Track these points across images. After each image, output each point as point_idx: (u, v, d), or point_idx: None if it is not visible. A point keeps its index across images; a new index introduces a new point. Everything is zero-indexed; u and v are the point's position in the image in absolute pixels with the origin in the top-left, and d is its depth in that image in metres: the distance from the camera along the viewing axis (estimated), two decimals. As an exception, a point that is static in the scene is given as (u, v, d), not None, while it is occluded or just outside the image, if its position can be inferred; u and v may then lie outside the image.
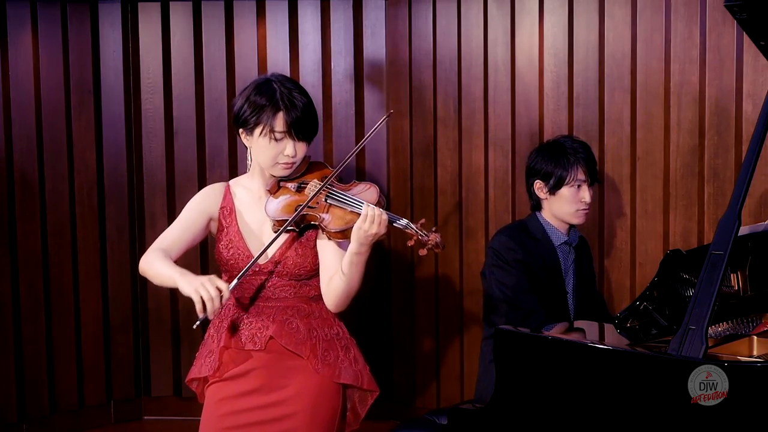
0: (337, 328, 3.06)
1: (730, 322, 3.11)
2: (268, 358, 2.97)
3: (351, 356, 3.04)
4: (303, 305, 3.01)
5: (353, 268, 2.89)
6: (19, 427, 4.73)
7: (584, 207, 3.65)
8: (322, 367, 2.97)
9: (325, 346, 3.00)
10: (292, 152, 2.97)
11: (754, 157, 2.71)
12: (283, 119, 2.94)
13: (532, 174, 3.71)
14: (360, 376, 3.03)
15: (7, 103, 4.62)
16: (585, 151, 3.69)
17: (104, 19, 4.83)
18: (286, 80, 3.01)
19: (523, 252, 3.60)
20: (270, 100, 2.95)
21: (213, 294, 2.76)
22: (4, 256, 4.65)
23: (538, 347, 2.87)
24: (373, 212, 2.83)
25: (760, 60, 3.97)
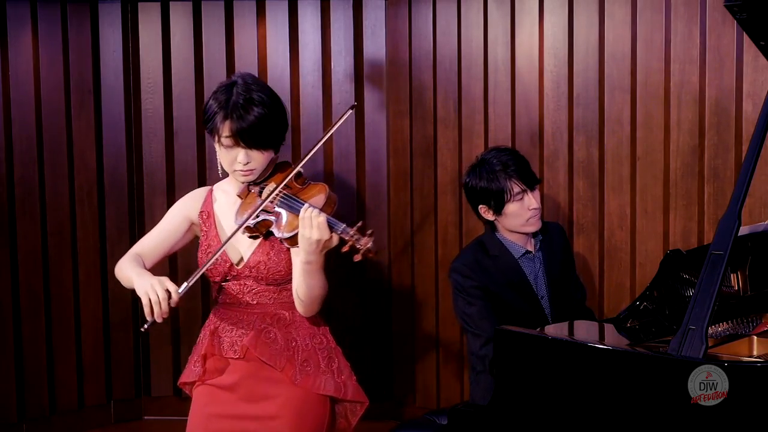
0: (321, 337, 3.01)
1: (730, 322, 3.11)
2: (248, 366, 2.94)
3: (334, 366, 2.99)
4: (284, 313, 2.97)
5: (308, 277, 2.82)
6: (19, 427, 4.73)
7: (534, 214, 3.58)
8: (301, 378, 2.92)
9: (304, 356, 2.95)
10: (244, 160, 2.89)
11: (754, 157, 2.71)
12: (228, 127, 2.87)
13: (472, 200, 3.65)
14: (343, 387, 2.98)
15: (7, 103, 4.62)
16: (514, 162, 3.59)
17: (104, 19, 4.84)
18: (250, 84, 2.92)
19: (480, 276, 3.55)
20: (221, 106, 2.89)
21: (161, 296, 2.72)
22: (4, 256, 4.65)
23: (538, 347, 2.87)
24: (309, 214, 2.74)
25: (760, 60, 3.97)
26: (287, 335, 2.95)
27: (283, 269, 2.93)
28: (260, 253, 2.94)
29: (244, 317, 2.97)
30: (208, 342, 2.99)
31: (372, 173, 4.87)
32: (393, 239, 4.87)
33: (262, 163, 2.94)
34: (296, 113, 4.86)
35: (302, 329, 2.98)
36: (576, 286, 3.80)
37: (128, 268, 2.90)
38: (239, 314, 2.98)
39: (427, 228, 4.77)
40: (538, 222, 3.63)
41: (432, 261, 4.77)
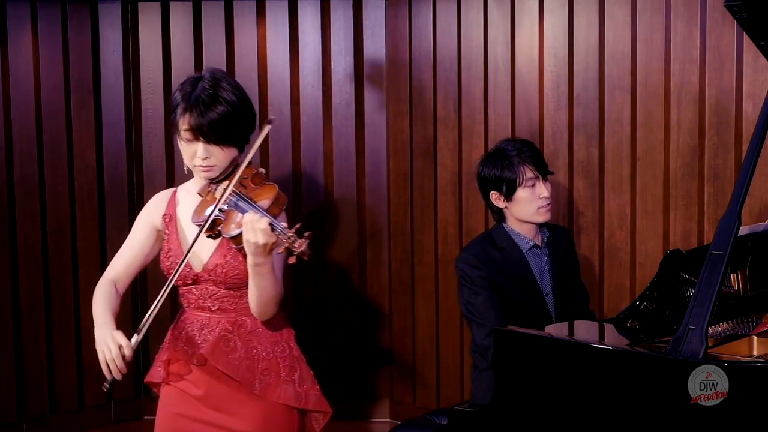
0: (283, 346, 2.95)
1: (730, 322, 3.11)
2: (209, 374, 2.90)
3: (295, 376, 2.92)
4: (246, 320, 2.92)
5: (258, 279, 2.75)
6: (19, 427, 4.74)
7: (545, 203, 3.60)
8: (261, 388, 2.87)
9: (265, 365, 2.89)
10: (202, 155, 2.83)
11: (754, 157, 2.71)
12: (188, 120, 2.81)
13: (484, 187, 3.66)
14: (304, 396, 2.92)
15: (7, 103, 4.62)
16: (528, 149, 3.64)
17: (104, 19, 4.84)
18: (217, 80, 2.86)
19: (487, 267, 3.56)
20: (184, 98, 2.84)
21: (114, 354, 2.73)
22: (4, 256, 4.65)
23: (538, 347, 2.87)
24: (250, 218, 2.66)
25: (760, 60, 3.97)
26: (248, 344, 2.90)
27: (241, 272, 2.86)
28: (218, 256, 2.88)
29: (207, 323, 2.92)
30: (170, 347, 2.95)
31: (372, 173, 4.87)
32: (393, 239, 4.87)
33: (223, 160, 2.86)
34: (296, 113, 4.86)
35: (264, 337, 2.92)
36: (580, 289, 3.81)
37: (96, 308, 2.93)
38: (202, 320, 2.93)
39: (427, 228, 4.77)
40: (548, 213, 3.63)
41: (432, 261, 4.77)
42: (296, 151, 4.88)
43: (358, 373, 4.97)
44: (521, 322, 3.47)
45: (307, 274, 4.91)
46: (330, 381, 4.97)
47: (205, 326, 2.93)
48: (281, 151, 4.87)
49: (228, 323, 2.91)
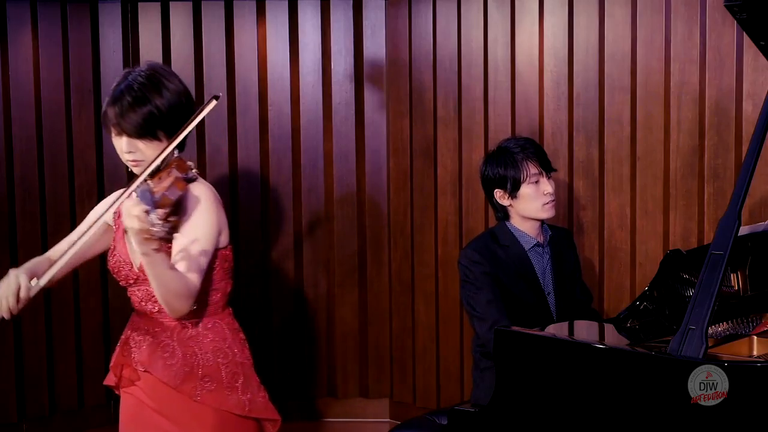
0: (226, 351, 2.85)
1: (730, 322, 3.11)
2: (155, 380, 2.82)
3: (238, 383, 2.83)
4: (187, 324, 2.82)
5: (149, 270, 2.61)
6: (19, 427, 4.73)
7: (549, 199, 3.60)
8: (202, 395, 2.79)
9: (206, 371, 2.80)
10: (125, 149, 2.75)
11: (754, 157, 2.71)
12: (110, 113, 2.74)
13: (488, 185, 3.66)
14: (248, 404, 2.83)
15: (7, 103, 4.62)
16: (531, 146, 3.65)
17: (104, 19, 4.83)
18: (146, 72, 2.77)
19: (490, 264, 3.56)
20: (111, 90, 2.77)
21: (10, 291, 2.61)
22: (4, 256, 4.65)
23: (538, 347, 2.87)
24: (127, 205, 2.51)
25: (760, 60, 3.97)
26: (188, 350, 2.81)
27: None
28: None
29: (150, 327, 2.85)
30: (119, 351, 2.90)
31: (372, 173, 4.87)
32: (393, 239, 4.87)
33: (150, 155, 2.75)
34: (296, 113, 4.86)
35: (205, 343, 2.82)
36: (582, 289, 3.81)
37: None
38: (146, 323, 2.87)
39: (427, 228, 4.77)
40: (553, 209, 3.63)
41: (432, 261, 4.77)
42: (296, 151, 4.88)
43: (358, 373, 4.97)
44: (522, 319, 3.48)
45: (307, 273, 4.91)
46: (330, 381, 4.97)
47: (149, 330, 2.85)
48: (281, 151, 4.87)
49: (168, 329, 2.82)
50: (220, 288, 2.88)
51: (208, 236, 2.75)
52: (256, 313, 4.87)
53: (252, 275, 4.88)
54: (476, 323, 3.58)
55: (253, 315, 4.84)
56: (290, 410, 4.96)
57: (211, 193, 2.82)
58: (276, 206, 4.89)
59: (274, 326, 4.92)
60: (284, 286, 4.91)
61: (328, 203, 4.90)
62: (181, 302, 2.67)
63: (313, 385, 4.96)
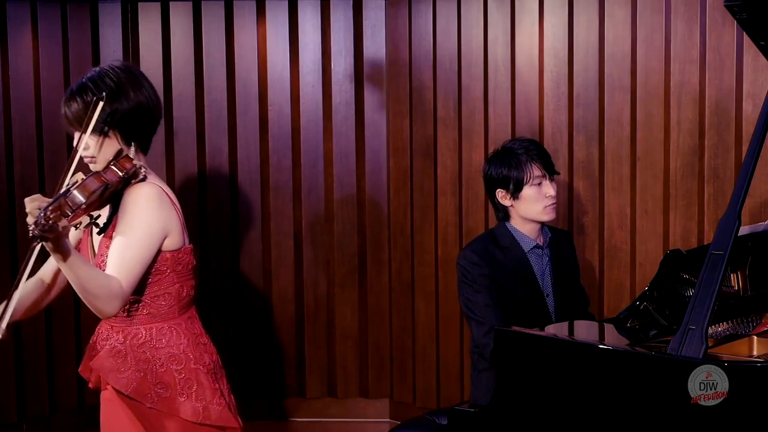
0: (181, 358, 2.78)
1: (730, 322, 3.11)
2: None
3: (193, 389, 2.77)
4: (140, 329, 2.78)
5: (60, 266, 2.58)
6: (19, 427, 4.73)
7: (551, 202, 3.59)
8: (156, 401, 2.74)
9: (158, 378, 2.75)
10: (75, 142, 2.72)
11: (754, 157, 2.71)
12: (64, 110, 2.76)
13: (491, 185, 3.65)
14: (202, 411, 2.77)
15: (7, 103, 4.62)
16: (536, 148, 3.65)
17: (104, 19, 4.83)
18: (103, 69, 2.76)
19: (489, 266, 3.56)
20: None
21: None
22: (4, 256, 4.65)
23: (537, 347, 2.87)
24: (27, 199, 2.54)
25: (760, 60, 3.97)
26: (141, 355, 2.76)
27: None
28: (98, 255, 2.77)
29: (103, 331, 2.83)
30: (86, 356, 2.87)
31: (372, 173, 4.87)
32: (393, 239, 4.87)
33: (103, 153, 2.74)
34: (296, 113, 4.86)
35: (158, 348, 2.77)
36: (580, 292, 3.81)
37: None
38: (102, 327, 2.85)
39: (427, 228, 4.77)
40: (554, 212, 3.62)
41: (432, 261, 4.77)
42: (296, 151, 4.88)
43: (359, 372, 4.97)
44: (521, 321, 3.47)
45: (307, 273, 4.91)
46: (330, 381, 4.97)
47: (101, 335, 2.83)
48: (281, 151, 4.87)
49: (122, 333, 2.78)
50: (173, 291, 2.81)
51: (143, 238, 2.69)
52: (256, 313, 4.87)
53: (252, 275, 4.88)
54: (474, 326, 3.58)
55: (253, 315, 4.84)
56: (290, 410, 4.96)
57: (155, 194, 2.74)
58: (276, 206, 4.89)
59: (275, 326, 4.91)
60: (284, 286, 4.91)
61: (328, 203, 4.90)
62: (103, 303, 2.61)
63: (314, 386, 4.96)
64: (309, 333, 4.93)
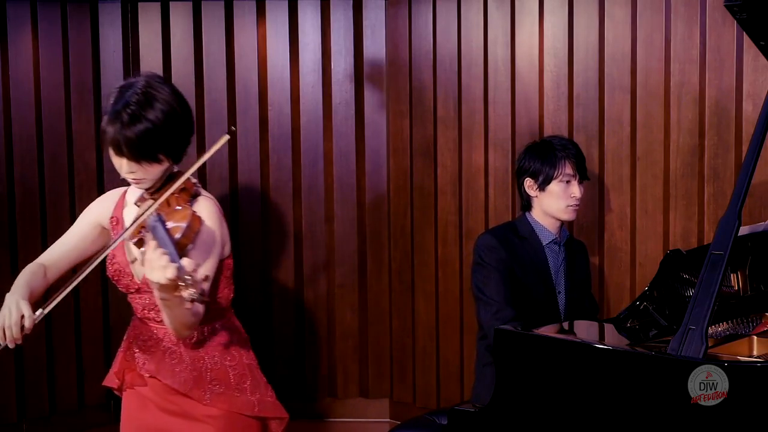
0: (233, 353, 2.86)
1: (730, 322, 3.11)
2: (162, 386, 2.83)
3: (246, 384, 2.85)
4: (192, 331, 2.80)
5: (165, 309, 2.55)
6: (19, 427, 4.73)
7: (574, 203, 3.67)
8: (211, 398, 2.80)
9: (213, 375, 2.82)
10: (127, 169, 2.68)
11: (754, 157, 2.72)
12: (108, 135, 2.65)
13: (521, 173, 3.74)
14: (257, 404, 2.85)
15: (7, 103, 4.62)
16: (573, 148, 3.73)
17: (104, 19, 4.83)
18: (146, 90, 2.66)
19: (507, 251, 3.61)
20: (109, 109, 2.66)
21: (13, 320, 2.62)
22: (4, 257, 4.65)
23: (538, 347, 2.87)
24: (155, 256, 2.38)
25: (760, 60, 3.97)
26: (195, 355, 2.82)
27: None
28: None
29: (153, 334, 2.85)
30: (122, 356, 2.90)
31: (372, 173, 4.87)
32: (393, 239, 4.87)
33: (152, 173, 2.71)
34: (296, 113, 4.86)
35: (211, 347, 2.84)
36: (591, 302, 3.87)
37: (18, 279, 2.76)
38: (148, 331, 2.87)
39: (427, 228, 4.77)
40: (574, 213, 3.71)
41: (432, 261, 4.77)
42: (296, 151, 4.88)
43: (358, 373, 4.97)
44: (531, 313, 3.51)
45: (307, 273, 4.91)
46: (330, 381, 4.97)
47: (151, 337, 2.85)
48: (281, 151, 4.87)
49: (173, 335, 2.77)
50: (224, 295, 2.89)
51: (215, 253, 2.73)
52: (256, 313, 4.87)
53: (252, 275, 4.88)
54: (481, 308, 3.60)
55: (253, 315, 4.84)
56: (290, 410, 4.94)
57: (217, 207, 2.81)
58: (276, 206, 4.89)
59: (275, 326, 4.91)
60: (284, 286, 4.91)
61: (328, 203, 4.90)
62: (190, 331, 2.69)
63: (314, 386, 4.96)
64: (309, 333, 4.93)
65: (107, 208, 2.93)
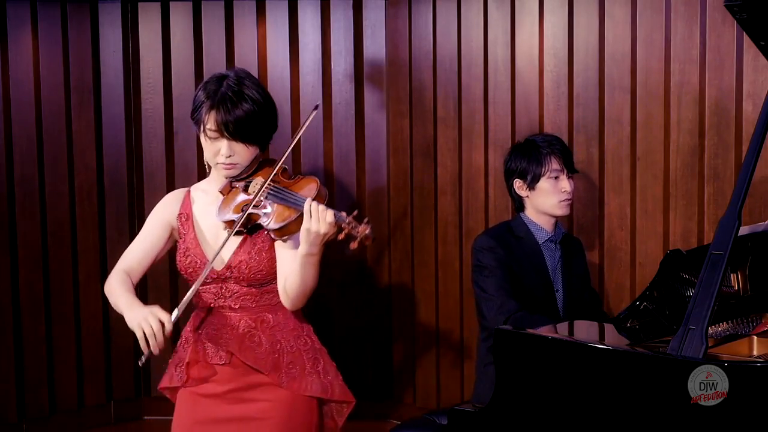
0: (305, 338, 2.97)
1: (730, 322, 3.11)
2: (234, 372, 2.90)
3: (320, 367, 2.95)
4: (267, 315, 2.92)
5: (306, 270, 2.78)
6: (19, 427, 4.74)
7: (566, 197, 3.67)
8: (287, 381, 2.88)
9: (290, 358, 2.90)
10: (226, 152, 2.86)
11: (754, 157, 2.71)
12: (214, 118, 2.83)
13: (510, 175, 3.74)
14: (329, 387, 2.95)
15: (7, 103, 4.62)
16: (558, 143, 3.73)
17: (104, 19, 4.84)
18: (242, 78, 2.88)
19: (505, 251, 3.62)
20: (209, 96, 2.85)
21: (155, 328, 2.72)
22: (4, 256, 4.65)
23: (537, 347, 2.87)
24: (316, 210, 2.70)
25: (760, 60, 3.97)
26: (272, 338, 2.90)
27: (265, 269, 2.88)
28: (242, 253, 2.87)
29: (227, 322, 2.91)
30: (192, 349, 2.94)
31: (372, 173, 4.87)
32: (393, 239, 4.87)
33: (246, 158, 2.89)
34: (296, 113, 4.86)
35: (286, 331, 2.93)
36: (591, 295, 3.86)
37: (118, 294, 2.86)
38: (222, 319, 2.91)
39: (427, 228, 4.77)
40: (568, 208, 3.71)
41: (432, 261, 4.77)
42: (296, 151, 4.88)
43: (359, 373, 4.97)
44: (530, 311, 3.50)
45: (307, 274, 4.91)
46: (330, 381, 4.97)
47: (226, 324, 2.91)
48: (281, 151, 4.86)
49: (250, 320, 2.90)
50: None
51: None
52: (256, 313, 4.87)
53: (252, 275, 4.88)
54: (484, 305, 3.61)
55: (253, 315, 4.84)
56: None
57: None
58: (276, 206, 4.89)
59: (274, 326, 4.91)
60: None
61: (328, 203, 4.88)
62: (309, 296, 2.88)
63: (313, 385, 4.96)
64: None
65: (174, 207, 3.01)
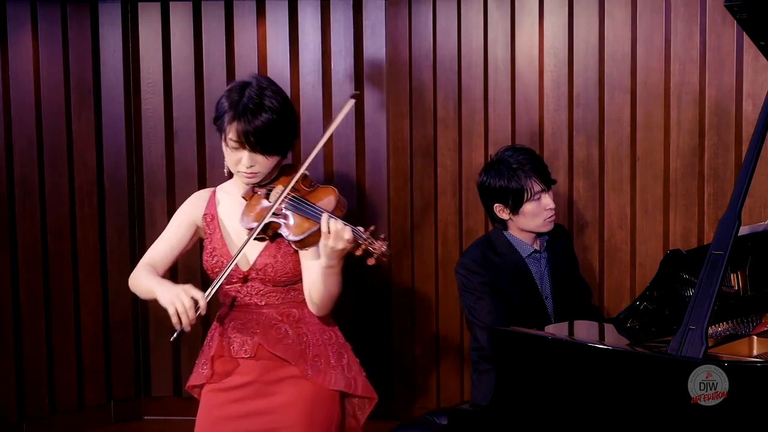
0: (330, 333, 3.02)
1: (730, 322, 3.11)
2: (259, 365, 2.93)
3: (344, 362, 2.99)
4: (293, 310, 2.97)
5: (329, 279, 2.86)
6: (19, 427, 4.73)
7: (550, 214, 3.57)
8: (313, 374, 2.92)
9: (315, 351, 2.95)
10: (248, 163, 2.90)
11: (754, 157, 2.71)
12: (235, 128, 2.86)
13: (488, 199, 3.62)
14: (353, 382, 2.98)
15: (7, 103, 4.62)
16: (531, 161, 3.58)
17: (104, 19, 4.84)
18: (264, 88, 2.90)
19: (488, 272, 3.54)
20: (231, 105, 2.87)
21: (187, 305, 2.74)
22: (4, 257, 4.65)
23: (537, 347, 2.87)
24: (334, 227, 2.77)
25: (760, 60, 3.97)
26: (298, 330, 2.95)
27: (290, 271, 2.94)
28: (267, 256, 2.93)
29: (253, 317, 2.96)
30: (217, 344, 2.97)
31: (372, 173, 4.87)
32: (393, 239, 4.87)
33: (267, 167, 2.93)
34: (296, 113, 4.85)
35: (312, 325, 2.98)
36: (581, 286, 3.80)
37: (147, 279, 2.91)
38: (248, 315, 2.97)
39: (427, 228, 4.77)
40: (552, 223, 3.62)
41: (432, 261, 4.77)
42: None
43: (358, 373, 4.96)
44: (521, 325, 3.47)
45: (307, 274, 4.91)
46: (330, 381, 4.97)
47: (252, 320, 2.96)
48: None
49: (276, 314, 2.96)
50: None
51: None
52: (256, 313, 4.87)
53: (252, 275, 4.88)
54: (478, 332, 3.58)
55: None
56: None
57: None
58: (276, 206, 4.89)
59: (274, 326, 4.91)
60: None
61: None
62: (335, 302, 2.94)
63: (313, 385, 4.96)
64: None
65: (200, 207, 3.05)
